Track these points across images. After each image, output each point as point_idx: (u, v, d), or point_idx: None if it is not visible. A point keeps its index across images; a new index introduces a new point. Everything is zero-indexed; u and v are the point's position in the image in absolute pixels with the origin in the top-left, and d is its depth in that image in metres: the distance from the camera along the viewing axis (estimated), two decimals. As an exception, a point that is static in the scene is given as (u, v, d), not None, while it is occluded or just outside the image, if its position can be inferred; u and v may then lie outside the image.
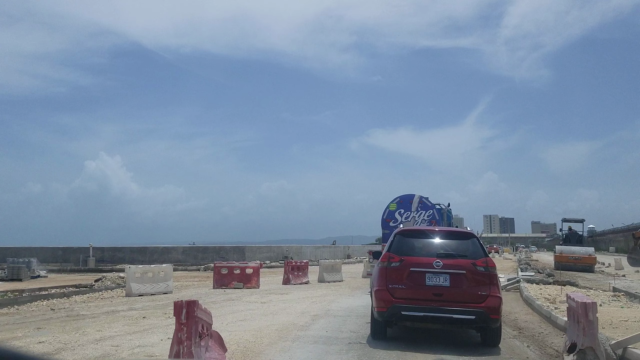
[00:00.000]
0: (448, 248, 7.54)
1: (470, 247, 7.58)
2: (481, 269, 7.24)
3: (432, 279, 7.15)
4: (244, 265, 17.10)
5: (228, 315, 10.27)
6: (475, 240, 7.75)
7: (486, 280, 7.19)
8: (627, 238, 79.03)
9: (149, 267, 15.18)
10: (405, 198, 16.84)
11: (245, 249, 36.71)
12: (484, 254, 7.48)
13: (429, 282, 7.14)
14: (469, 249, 7.56)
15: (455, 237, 7.92)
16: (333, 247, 50.18)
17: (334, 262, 21.28)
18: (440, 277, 7.14)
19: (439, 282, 7.14)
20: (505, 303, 15.17)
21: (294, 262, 19.40)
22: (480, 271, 7.22)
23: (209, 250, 34.82)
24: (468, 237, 7.96)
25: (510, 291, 17.89)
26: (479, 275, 7.20)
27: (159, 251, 33.09)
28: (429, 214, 16.79)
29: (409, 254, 7.42)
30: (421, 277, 7.16)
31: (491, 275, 7.27)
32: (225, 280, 16.67)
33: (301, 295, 14.79)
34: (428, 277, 7.15)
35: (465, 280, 7.18)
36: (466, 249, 7.57)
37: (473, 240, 7.75)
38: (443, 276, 7.14)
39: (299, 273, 19.02)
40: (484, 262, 7.32)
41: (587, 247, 33.34)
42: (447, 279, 7.14)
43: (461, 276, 7.17)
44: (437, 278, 7.15)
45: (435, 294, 7.10)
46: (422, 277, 7.16)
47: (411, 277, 7.21)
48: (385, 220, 16.72)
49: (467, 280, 7.17)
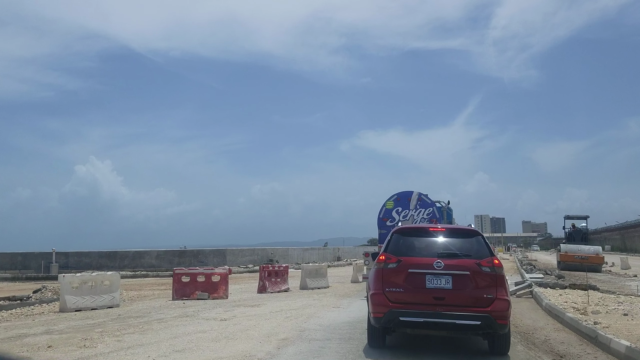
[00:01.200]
0: (450, 247, 6.98)
1: (474, 246, 7.00)
2: (487, 269, 6.67)
3: (432, 281, 6.64)
4: (210, 271, 14.43)
5: (165, 342, 7.61)
6: (479, 238, 7.10)
7: (492, 282, 6.63)
8: (624, 236, 78.21)
9: (88, 276, 12.47)
10: (403, 195, 15.36)
11: (226, 252, 34.00)
12: (489, 253, 6.86)
13: (429, 285, 6.64)
14: (473, 247, 6.98)
15: (457, 235, 7.31)
16: (322, 250, 47.62)
17: (319, 265, 18.65)
18: (442, 279, 6.64)
19: (441, 285, 6.62)
20: (521, 314, 12.74)
21: (271, 266, 16.73)
22: (486, 272, 6.67)
23: (186, 254, 32.09)
24: (472, 234, 7.26)
25: (522, 297, 15.40)
26: (484, 276, 6.66)
27: (130, 256, 30.28)
28: (428, 212, 15.20)
29: (408, 254, 6.90)
30: (421, 279, 6.65)
31: (498, 277, 6.69)
32: (187, 290, 14.01)
33: (276, 307, 12.18)
34: (428, 279, 6.65)
35: (469, 282, 6.64)
36: (470, 247, 6.99)
37: (477, 238, 7.11)
38: (445, 278, 6.63)
39: (277, 279, 16.41)
40: (489, 262, 6.72)
41: (594, 246, 31.65)
42: (449, 281, 6.62)
43: (465, 278, 6.64)
44: (438, 280, 6.64)
45: (437, 297, 6.57)
46: (422, 279, 6.65)
47: (410, 279, 6.70)
48: (382, 220, 15.24)
49: (471, 282, 6.64)
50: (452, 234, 7.33)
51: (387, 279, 6.77)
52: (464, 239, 7.18)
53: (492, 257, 6.81)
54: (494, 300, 6.50)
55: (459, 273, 6.64)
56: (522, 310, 12.49)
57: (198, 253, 32.66)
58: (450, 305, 6.52)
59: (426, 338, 7.68)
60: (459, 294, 6.58)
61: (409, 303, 6.60)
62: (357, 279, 21.29)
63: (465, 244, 7.09)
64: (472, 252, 6.89)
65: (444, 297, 6.56)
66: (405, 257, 6.84)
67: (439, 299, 6.56)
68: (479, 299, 6.53)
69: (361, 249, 59.70)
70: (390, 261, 6.86)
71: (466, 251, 6.91)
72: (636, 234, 68.74)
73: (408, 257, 6.84)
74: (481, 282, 6.63)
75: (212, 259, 32.97)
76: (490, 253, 6.90)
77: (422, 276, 6.64)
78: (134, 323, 9.75)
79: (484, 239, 7.12)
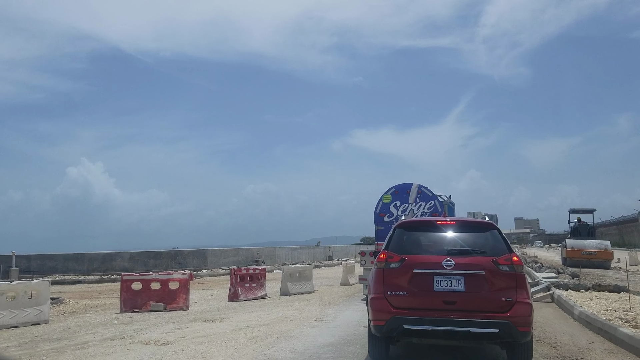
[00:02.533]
0: (462, 243, 6.10)
1: (489, 241, 6.12)
2: (505, 268, 5.79)
3: (442, 282, 5.77)
4: (167, 277, 11.91)
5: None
6: (495, 232, 6.21)
7: (512, 283, 5.73)
8: (622, 231, 76.77)
9: (6, 286, 9.94)
10: (401, 188, 13.95)
11: (207, 252, 31.46)
12: (507, 250, 5.98)
13: (438, 287, 5.77)
14: (488, 243, 6.10)
15: (470, 229, 6.41)
16: (313, 249, 45.16)
17: (302, 267, 16.14)
18: (453, 280, 5.76)
19: (451, 287, 5.74)
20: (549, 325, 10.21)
21: (245, 269, 14.21)
22: (504, 271, 5.78)
23: (162, 256, 29.46)
24: (487, 228, 6.36)
25: (541, 302, 13.07)
26: (502, 276, 5.76)
27: (100, 258, 27.63)
28: (430, 206, 13.75)
29: (413, 252, 6.04)
30: (428, 281, 5.79)
31: (518, 276, 5.79)
32: (138, 300, 11.51)
33: (242, 321, 9.73)
34: (437, 280, 5.78)
35: (484, 283, 5.74)
36: (485, 243, 6.11)
37: (493, 232, 6.23)
38: (456, 279, 5.75)
39: (252, 284, 13.92)
40: (508, 259, 5.83)
41: (602, 241, 29.75)
42: (461, 283, 5.75)
43: (479, 278, 5.75)
44: (448, 281, 5.77)
45: (447, 301, 5.70)
46: (430, 281, 5.78)
47: (415, 280, 5.83)
48: (379, 215, 13.85)
49: (487, 283, 5.74)
50: (463, 227, 6.40)
51: (389, 280, 5.91)
52: (478, 234, 6.28)
53: (510, 253, 5.92)
54: (514, 304, 5.64)
55: (472, 273, 5.79)
56: (548, 320, 10.14)
57: (176, 254, 30.05)
58: (462, 311, 5.69)
59: (435, 348, 6.88)
60: (472, 297, 5.74)
61: (414, 309, 5.79)
62: (347, 281, 18.91)
63: (479, 239, 6.20)
64: (488, 249, 6.00)
65: (455, 301, 5.74)
66: (409, 256, 5.96)
67: (450, 303, 5.74)
68: (496, 302, 5.68)
69: (353, 248, 57.35)
70: (393, 260, 5.98)
71: (480, 247, 6.04)
72: (635, 229, 67.29)
73: (413, 256, 5.98)
74: (499, 283, 5.75)
75: (192, 261, 30.44)
76: (509, 249, 6.00)
77: (429, 277, 5.81)
78: (42, 350, 7.26)
79: (500, 233, 6.19)
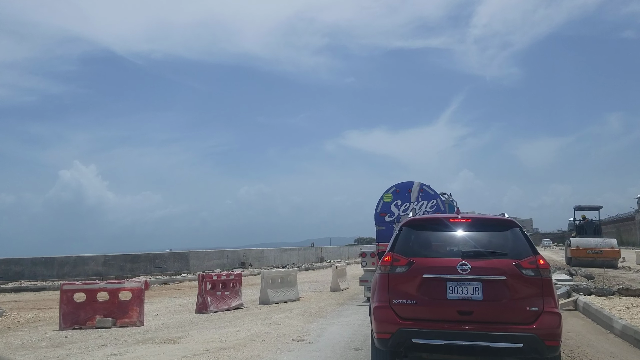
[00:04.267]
0: (478, 243, 5.25)
1: (510, 241, 5.27)
2: (529, 272, 4.99)
3: (456, 289, 4.97)
4: (116, 286, 9.88)
5: None
6: (517, 231, 5.34)
7: (537, 290, 4.94)
8: (620, 229, 75.63)
9: None
10: (402, 187, 13.51)
11: (189, 255, 29.35)
12: (532, 251, 5.16)
13: (452, 295, 4.97)
14: (508, 243, 5.26)
15: (487, 228, 5.54)
16: (304, 250, 43.16)
17: (286, 271, 14.13)
18: (469, 287, 4.95)
19: (467, 295, 4.94)
20: (584, 342, 7.04)
21: (217, 275, 12.13)
22: (528, 276, 4.97)
23: (140, 259, 27.32)
24: (507, 226, 5.44)
25: (563, 309, 11.21)
26: (526, 281, 4.96)
27: (71, 262, 25.44)
28: (432, 205, 13.29)
29: (422, 254, 5.26)
30: (440, 288, 5.00)
31: (544, 282, 4.96)
32: (81, 315, 9.49)
33: (202, 342, 7.75)
34: (450, 287, 4.97)
35: (506, 290, 4.95)
36: (505, 244, 5.27)
37: (514, 231, 5.35)
38: (473, 285, 4.95)
39: (225, 293, 11.91)
40: (532, 262, 5.03)
41: (609, 239, 28.37)
42: (478, 290, 4.94)
43: (500, 284, 4.95)
44: (463, 288, 4.95)
45: (462, 311, 4.91)
46: (442, 288, 4.99)
47: (425, 287, 5.05)
48: (380, 215, 13.41)
49: (508, 290, 4.95)
50: (480, 226, 5.62)
51: (395, 287, 5.23)
52: (497, 233, 5.52)
53: (535, 255, 5.21)
54: (541, 314, 4.92)
55: (491, 278, 5.06)
56: (581, 335, 8.32)
57: (155, 257, 27.90)
58: (480, 323, 4.96)
59: None
60: (492, 306, 5.01)
61: (424, 320, 5.10)
62: (338, 286, 16.95)
63: (498, 238, 5.44)
64: (508, 250, 5.25)
65: (472, 312, 5.01)
66: (418, 258, 5.28)
67: (465, 313, 5.01)
68: (520, 313, 4.96)
69: (347, 249, 55.41)
70: (399, 263, 5.30)
71: (500, 248, 5.29)
72: (634, 227, 66.11)
73: (422, 258, 5.29)
74: (522, 290, 5.04)
75: (173, 264, 28.33)
76: (533, 250, 5.27)
77: (441, 283, 5.10)
78: None
79: (522, 232, 5.45)
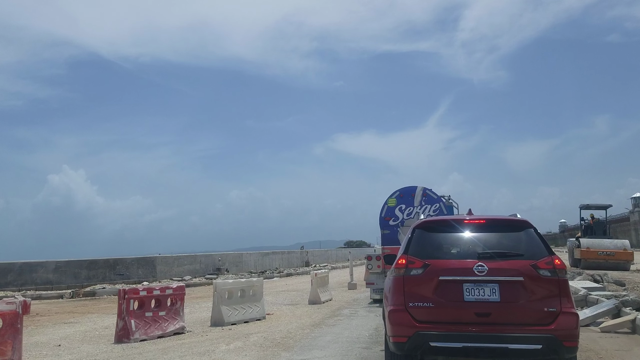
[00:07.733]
0: (494, 245, 5.24)
1: (525, 242, 5.23)
2: (546, 273, 4.95)
3: (473, 291, 4.92)
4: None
5: None
6: (531, 232, 5.31)
7: (554, 290, 4.90)
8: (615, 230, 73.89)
9: None
10: (405, 191, 13.81)
11: (155, 260, 26.20)
12: (547, 251, 5.11)
13: (468, 297, 4.91)
14: (523, 244, 5.22)
15: (502, 229, 5.51)
16: (287, 254, 40.10)
17: (248, 282, 10.99)
18: (486, 289, 4.91)
19: (485, 296, 4.89)
20: None
21: (147, 289, 8.94)
22: (545, 277, 4.94)
23: (98, 265, 24.10)
24: (521, 227, 5.41)
25: (612, 332, 8.37)
26: (543, 282, 4.93)
27: (17, 269, 22.12)
28: (435, 208, 13.49)
29: (437, 256, 5.19)
30: (457, 290, 4.95)
31: (561, 282, 4.96)
32: None
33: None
34: (467, 288, 4.93)
35: (523, 291, 4.90)
36: (520, 244, 5.23)
37: (528, 232, 5.31)
38: (490, 287, 4.91)
39: (159, 313, 8.88)
40: (549, 262, 4.99)
41: (621, 240, 26.02)
42: (495, 291, 4.90)
43: (517, 285, 4.91)
44: (480, 290, 4.91)
45: (480, 313, 4.85)
46: (459, 290, 4.94)
47: (442, 289, 4.99)
48: (384, 219, 13.69)
49: (526, 291, 4.89)
50: (494, 227, 5.45)
51: (411, 290, 5.04)
52: (512, 234, 5.35)
53: (551, 256, 5.03)
54: (559, 314, 4.77)
55: (509, 279, 4.88)
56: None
57: (116, 263, 24.65)
58: (498, 324, 4.79)
59: None
60: (510, 308, 4.83)
61: (441, 322, 4.92)
62: (318, 297, 14.02)
63: (513, 239, 5.29)
64: (524, 251, 5.13)
65: (489, 313, 4.82)
66: (433, 260, 5.09)
67: (483, 315, 4.82)
68: (537, 314, 4.80)
69: (335, 252, 52.48)
70: (414, 266, 5.11)
71: (516, 249, 5.15)
72: (630, 227, 64.14)
73: (438, 260, 5.10)
74: (539, 291, 4.87)
75: (137, 271, 25.16)
76: (549, 251, 5.11)
77: (458, 285, 4.92)
78: None
79: (536, 232, 5.29)
